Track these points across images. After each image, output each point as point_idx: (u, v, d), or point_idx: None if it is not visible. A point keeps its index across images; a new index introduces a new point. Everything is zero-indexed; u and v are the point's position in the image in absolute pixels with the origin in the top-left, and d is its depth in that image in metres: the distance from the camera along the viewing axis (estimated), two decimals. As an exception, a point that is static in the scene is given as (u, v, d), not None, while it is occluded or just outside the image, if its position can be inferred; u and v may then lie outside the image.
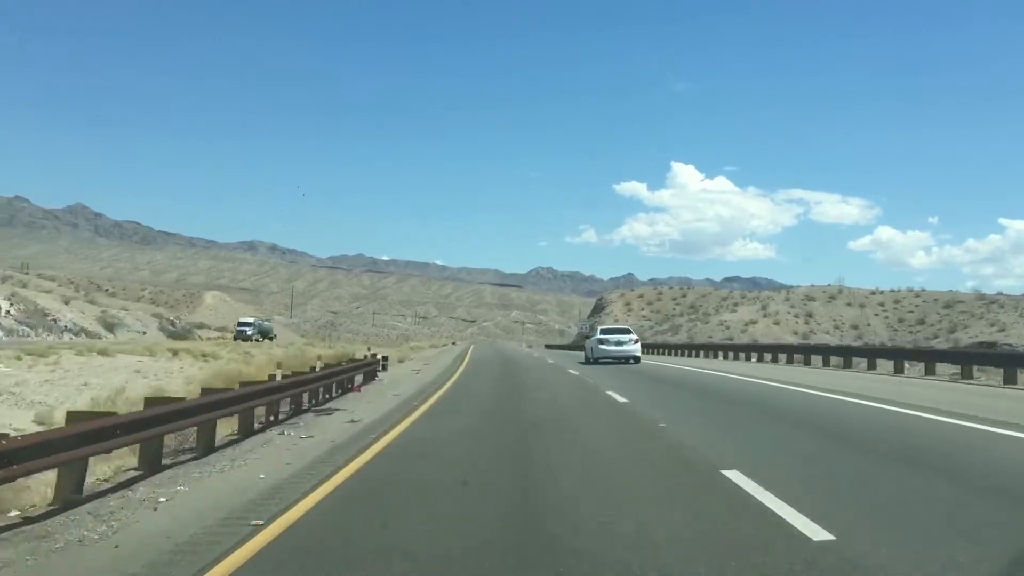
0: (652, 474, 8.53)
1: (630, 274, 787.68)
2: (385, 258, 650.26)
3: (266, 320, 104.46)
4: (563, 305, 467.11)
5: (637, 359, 35.34)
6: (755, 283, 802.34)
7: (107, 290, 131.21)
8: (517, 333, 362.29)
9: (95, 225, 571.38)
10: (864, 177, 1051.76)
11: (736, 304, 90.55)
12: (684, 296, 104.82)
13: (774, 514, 6.28)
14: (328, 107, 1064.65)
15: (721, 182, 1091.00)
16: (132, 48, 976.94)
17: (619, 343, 35.44)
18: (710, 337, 78.13)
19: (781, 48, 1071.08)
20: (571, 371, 30.18)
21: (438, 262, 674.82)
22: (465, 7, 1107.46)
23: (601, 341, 36.26)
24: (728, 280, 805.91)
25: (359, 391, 21.66)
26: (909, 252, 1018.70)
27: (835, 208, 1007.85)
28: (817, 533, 5.62)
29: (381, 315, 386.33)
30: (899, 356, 31.10)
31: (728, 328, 78.42)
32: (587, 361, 36.72)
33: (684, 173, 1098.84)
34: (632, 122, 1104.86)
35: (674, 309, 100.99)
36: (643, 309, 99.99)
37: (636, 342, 36.23)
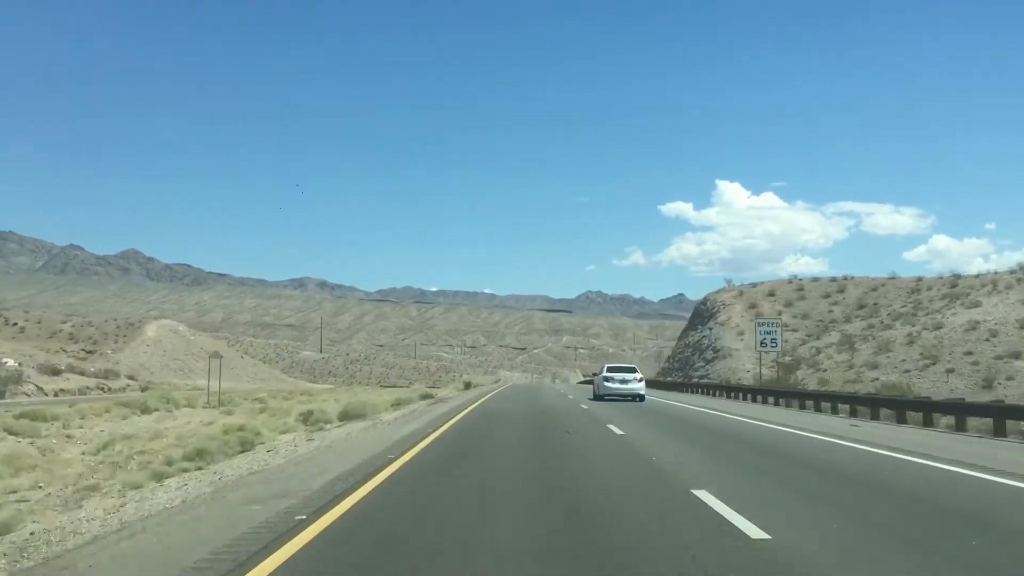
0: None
1: (680, 294, 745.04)
2: (434, 289, 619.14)
3: None
4: (615, 328, 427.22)
5: (642, 397, 33.80)
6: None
7: (15, 324, 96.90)
8: (569, 359, 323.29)
9: (146, 269, 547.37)
10: (916, 186, 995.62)
11: (952, 297, 50.88)
12: (841, 292, 65.53)
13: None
14: (374, 142, 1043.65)
15: (768, 198, 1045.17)
16: (179, 95, 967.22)
17: (624, 381, 33.87)
18: (971, 355, 38.58)
19: (824, 59, 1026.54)
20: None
21: (487, 291, 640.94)
22: (504, 35, 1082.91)
23: (607, 379, 34.40)
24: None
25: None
26: (967, 260, 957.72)
27: (887, 219, 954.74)
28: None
29: (427, 346, 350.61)
30: None
31: (995, 336, 39.22)
32: (594, 398, 34.98)
33: (730, 191, 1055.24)
34: (675, 142, 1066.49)
35: (830, 311, 62.31)
36: (780, 313, 61.61)
37: (640, 380, 34.64)
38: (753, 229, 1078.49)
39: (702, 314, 71.18)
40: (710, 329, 65.14)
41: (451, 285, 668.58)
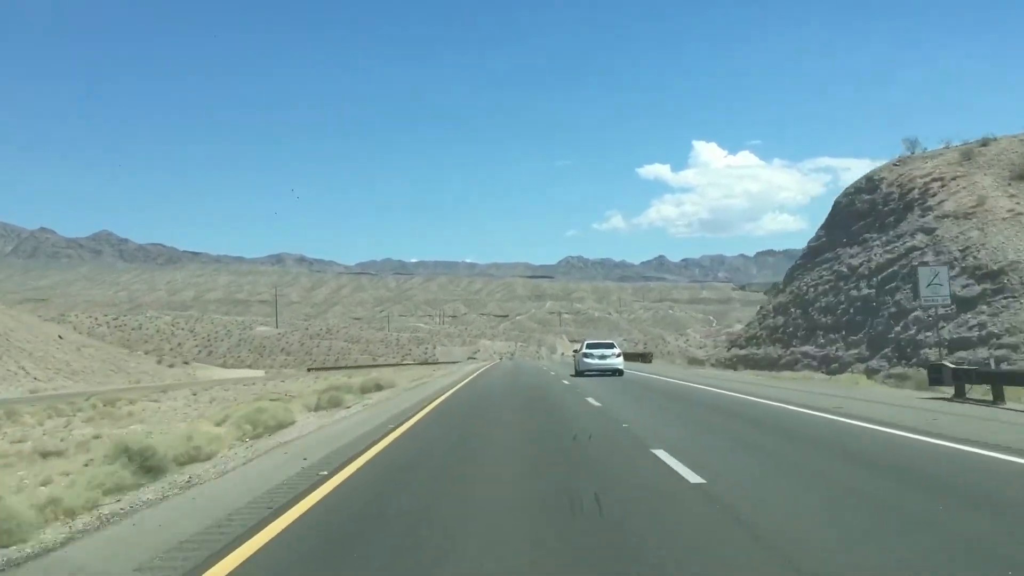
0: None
1: (661, 256, 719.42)
2: (413, 260, 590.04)
3: None
4: (599, 292, 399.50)
5: (620, 372, 32.52)
6: (790, 255, 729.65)
7: None
8: (554, 325, 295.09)
9: (119, 251, 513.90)
10: (892, 138, 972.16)
11: None
12: None
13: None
14: (352, 117, 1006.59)
15: (745, 157, 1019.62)
16: (150, 76, 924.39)
17: (603, 357, 32.83)
18: None
19: (796, 13, 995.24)
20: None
21: (468, 260, 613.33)
22: (480, 5, 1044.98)
23: (586, 355, 33.29)
24: (762, 254, 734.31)
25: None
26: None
27: (864, 172, 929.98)
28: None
29: (406, 317, 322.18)
30: None
31: None
32: (576, 374, 33.07)
33: (707, 151, 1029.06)
34: (651, 104, 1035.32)
35: None
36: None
37: (619, 356, 33.29)
38: (731, 188, 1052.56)
39: (872, 212, 37.98)
40: (926, 232, 32.41)
41: (431, 256, 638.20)
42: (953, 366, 17.28)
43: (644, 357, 62.12)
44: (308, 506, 6.62)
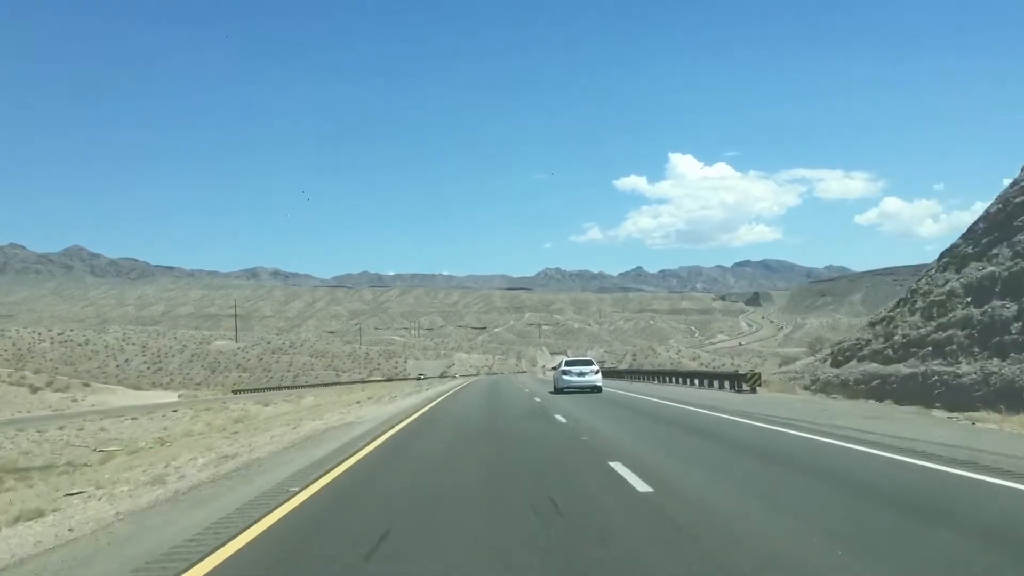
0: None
1: (639, 267, 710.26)
2: (391, 273, 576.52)
3: None
4: (578, 303, 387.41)
5: (599, 389, 31.79)
6: (767, 266, 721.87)
7: None
8: (533, 337, 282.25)
9: (90, 266, 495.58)
10: (866, 149, 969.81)
11: None
12: None
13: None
14: (329, 131, 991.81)
15: (721, 168, 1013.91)
16: (119, 85, 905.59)
17: (581, 374, 32.21)
18: None
19: (770, 24, 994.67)
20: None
21: (445, 272, 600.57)
22: (460, 15, 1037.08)
23: (565, 373, 32.60)
24: (739, 265, 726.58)
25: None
26: (917, 221, 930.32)
27: (839, 184, 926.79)
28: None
29: (382, 330, 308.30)
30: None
31: None
32: (555, 391, 32.46)
33: (682, 163, 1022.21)
34: (627, 116, 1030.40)
35: None
36: None
37: (597, 372, 32.80)
38: (708, 200, 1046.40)
39: None
40: None
41: (408, 268, 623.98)
42: None
43: (743, 380, 30.00)
44: None
